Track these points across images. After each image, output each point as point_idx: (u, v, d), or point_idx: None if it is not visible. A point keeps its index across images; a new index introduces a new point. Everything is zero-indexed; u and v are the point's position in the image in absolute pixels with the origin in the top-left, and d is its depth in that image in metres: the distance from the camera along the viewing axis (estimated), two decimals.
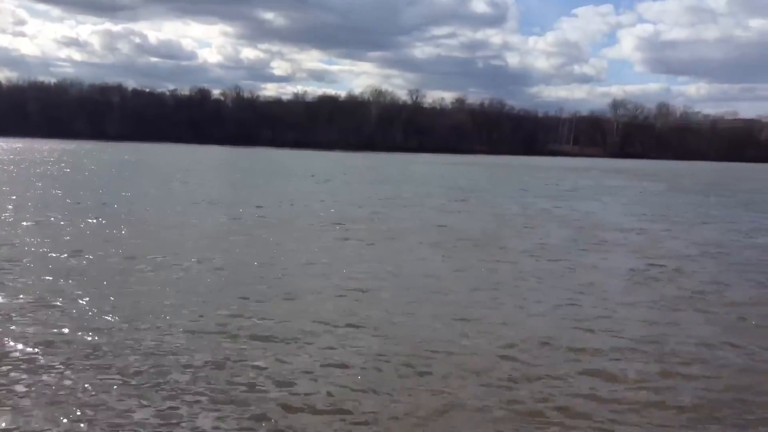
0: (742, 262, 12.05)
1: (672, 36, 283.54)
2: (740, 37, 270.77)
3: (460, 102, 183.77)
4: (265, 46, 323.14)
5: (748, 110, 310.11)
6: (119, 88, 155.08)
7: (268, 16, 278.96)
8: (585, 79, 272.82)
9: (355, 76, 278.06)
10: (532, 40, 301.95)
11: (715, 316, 8.20)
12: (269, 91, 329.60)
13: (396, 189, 27.89)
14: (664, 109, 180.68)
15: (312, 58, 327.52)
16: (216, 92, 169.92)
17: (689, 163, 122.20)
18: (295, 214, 17.85)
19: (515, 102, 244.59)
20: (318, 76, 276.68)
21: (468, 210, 20.32)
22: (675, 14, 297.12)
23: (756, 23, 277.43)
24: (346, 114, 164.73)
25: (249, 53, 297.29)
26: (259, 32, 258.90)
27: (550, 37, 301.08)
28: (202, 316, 7.50)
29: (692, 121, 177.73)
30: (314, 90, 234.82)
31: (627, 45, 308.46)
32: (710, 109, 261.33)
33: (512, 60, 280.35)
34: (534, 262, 11.41)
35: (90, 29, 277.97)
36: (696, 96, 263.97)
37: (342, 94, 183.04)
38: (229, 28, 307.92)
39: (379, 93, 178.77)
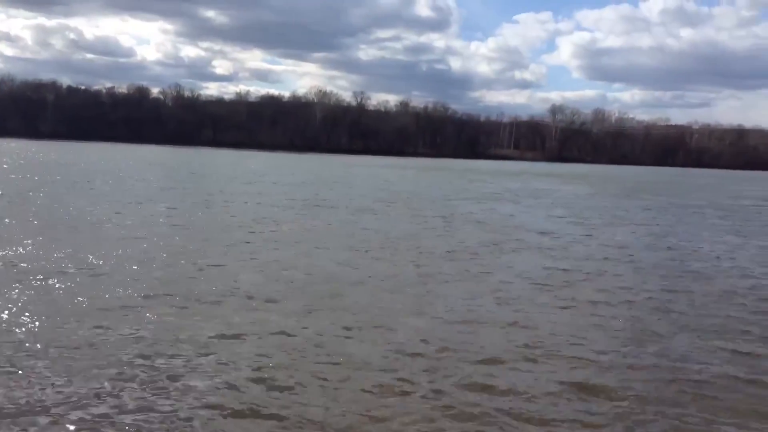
0: (649, 265, 12.38)
1: (608, 44, 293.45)
2: (672, 46, 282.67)
3: (404, 105, 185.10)
4: (206, 44, 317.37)
5: (679, 116, 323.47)
6: (53, 86, 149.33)
7: (210, 14, 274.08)
8: (525, 85, 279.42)
9: (299, 77, 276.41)
10: (474, 45, 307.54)
11: (617, 321, 8.29)
12: (211, 90, 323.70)
13: (326, 191, 27.73)
14: (600, 114, 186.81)
15: (255, 58, 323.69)
16: (155, 91, 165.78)
17: (622, 168, 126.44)
18: (210, 216, 17.45)
19: (458, 106, 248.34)
20: (261, 76, 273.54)
21: (392, 212, 20.33)
22: (611, 23, 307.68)
23: (686, 33, 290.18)
24: (290, 115, 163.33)
25: (189, 51, 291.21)
26: (200, 30, 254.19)
27: (492, 42, 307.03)
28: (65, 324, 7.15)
29: (627, 127, 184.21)
30: (257, 90, 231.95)
31: (565, 52, 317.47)
32: (644, 115, 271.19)
33: (455, 64, 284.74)
34: (444, 264, 11.43)
35: (22, 23, 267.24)
36: (630, 102, 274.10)
37: (286, 94, 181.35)
38: (168, 26, 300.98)
39: (323, 94, 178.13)
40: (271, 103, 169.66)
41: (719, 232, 18.66)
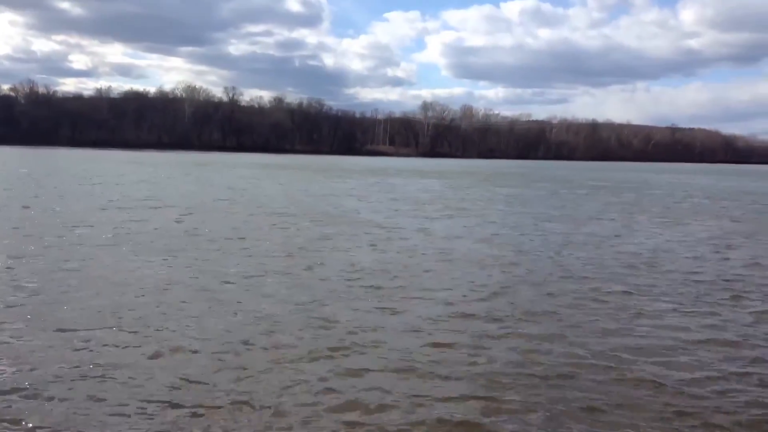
0: (464, 257, 13.30)
1: (473, 43, 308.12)
2: (532, 45, 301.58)
3: (278, 101, 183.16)
4: (61, 37, 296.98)
5: (540, 112, 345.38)
6: None
7: (64, 5, 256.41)
8: (398, 82, 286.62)
9: (165, 72, 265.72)
10: (346, 42, 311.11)
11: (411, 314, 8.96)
12: (68, 86, 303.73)
13: (146, 192, 27.05)
14: (467, 111, 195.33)
15: (116, 52, 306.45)
16: (5, 87, 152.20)
17: (489, 161, 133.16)
18: None
19: (334, 102, 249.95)
20: (123, 71, 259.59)
21: (234, 209, 20.33)
22: (475, 22, 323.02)
23: (544, 33, 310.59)
24: (157, 111, 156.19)
25: (42, 45, 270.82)
26: (53, 22, 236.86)
27: (364, 40, 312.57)
28: None
29: (492, 123, 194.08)
30: (120, 86, 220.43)
31: (434, 50, 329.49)
32: (508, 112, 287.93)
33: (328, 61, 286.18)
34: (269, 261, 11.68)
35: None
36: (495, 99, 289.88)
37: (151, 90, 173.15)
38: (18, 17, 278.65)
39: (192, 89, 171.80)
40: (135, 99, 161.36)
41: (545, 217, 20.41)
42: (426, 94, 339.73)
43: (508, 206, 24.92)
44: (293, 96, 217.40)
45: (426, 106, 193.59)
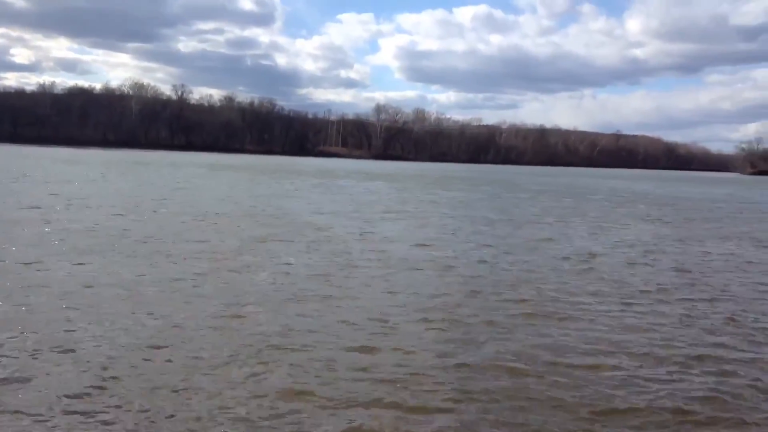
0: (398, 260, 13.26)
1: (426, 47, 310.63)
2: (483, 51, 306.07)
3: (229, 100, 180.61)
4: (2, 30, 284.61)
5: (490, 117, 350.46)
6: None
7: None
8: (351, 84, 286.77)
9: (111, 68, 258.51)
10: (299, 42, 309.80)
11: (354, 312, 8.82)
12: (9, 81, 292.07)
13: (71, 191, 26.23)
14: (420, 114, 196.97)
15: (60, 46, 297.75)
16: None
17: (440, 165, 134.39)
18: None
19: (286, 103, 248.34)
20: (68, 66, 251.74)
21: (167, 210, 19.79)
22: (428, 26, 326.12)
23: (496, 39, 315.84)
24: (103, 108, 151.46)
25: None
26: None
27: (317, 40, 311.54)
28: None
29: (444, 126, 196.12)
30: (64, 81, 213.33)
31: (387, 53, 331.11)
32: (459, 116, 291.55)
33: (281, 60, 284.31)
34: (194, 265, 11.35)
35: None
36: (447, 103, 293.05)
37: (97, 86, 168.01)
38: None
39: (140, 86, 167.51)
40: (80, 95, 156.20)
41: (481, 220, 20.63)
42: (379, 96, 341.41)
43: (451, 209, 25.06)
44: (244, 95, 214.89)
45: (379, 109, 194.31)
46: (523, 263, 12.89)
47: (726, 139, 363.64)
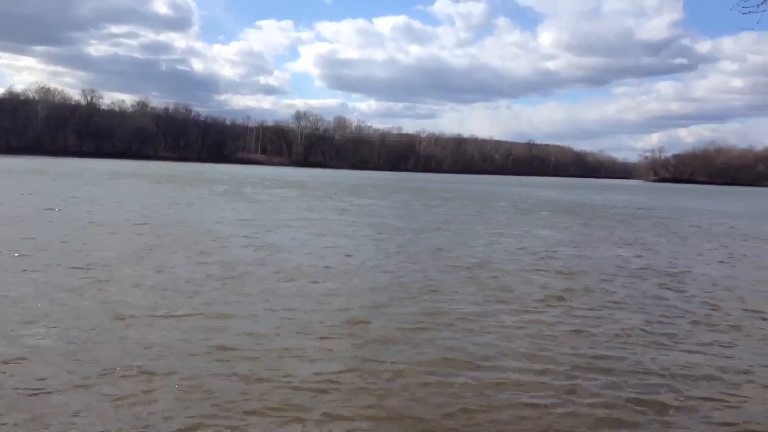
0: (291, 269, 13.07)
1: (346, 55, 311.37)
2: (403, 61, 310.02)
3: (142, 105, 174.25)
4: None
5: (410, 126, 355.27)
6: None
7: None
8: (271, 91, 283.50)
9: (16, 72, 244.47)
10: (216, 47, 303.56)
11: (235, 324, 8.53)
12: None
13: None
14: (341, 122, 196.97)
15: None
16: None
17: (360, 172, 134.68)
18: None
19: (204, 109, 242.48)
20: None
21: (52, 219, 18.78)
22: (348, 35, 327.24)
23: (415, 50, 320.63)
24: (6, 113, 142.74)
25: None
26: None
27: (235, 46, 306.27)
28: None
29: (365, 135, 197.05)
30: None
31: (307, 60, 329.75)
32: (380, 124, 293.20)
33: (197, 66, 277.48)
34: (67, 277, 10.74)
35: None
36: (368, 111, 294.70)
37: (0, 91, 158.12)
38: None
39: (46, 91, 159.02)
40: None
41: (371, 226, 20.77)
42: (300, 103, 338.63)
43: (359, 217, 25.08)
44: (159, 101, 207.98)
45: (299, 116, 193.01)
46: (421, 271, 13.02)
47: (631, 148, 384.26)
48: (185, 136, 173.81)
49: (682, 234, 24.07)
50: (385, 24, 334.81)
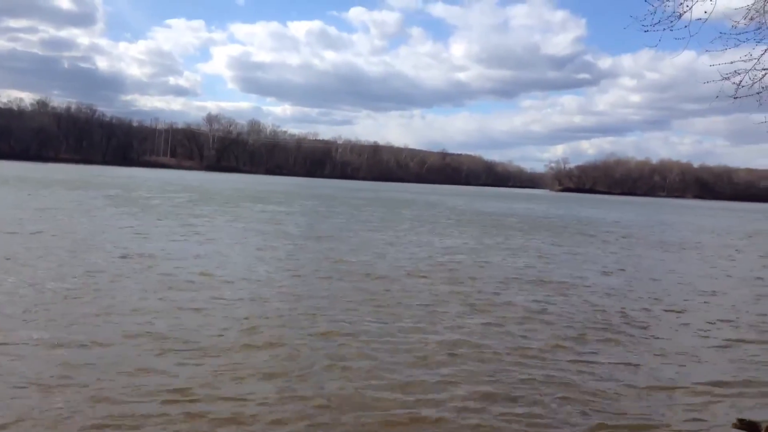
0: (163, 277, 12.44)
1: (260, 58, 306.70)
2: (318, 66, 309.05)
3: (42, 104, 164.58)
4: None
5: (326, 132, 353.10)
6: None
7: None
8: (181, 92, 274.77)
9: None
10: (123, 45, 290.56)
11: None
12: None
13: None
14: (255, 126, 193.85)
15: None
16: None
17: (273, 178, 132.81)
18: None
19: (109, 109, 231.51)
20: None
21: None
22: (262, 38, 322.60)
23: (330, 56, 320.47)
24: None
25: None
26: None
27: (143, 45, 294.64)
28: None
29: (280, 139, 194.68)
30: None
31: (220, 62, 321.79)
32: (295, 129, 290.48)
33: (102, 64, 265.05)
34: None
35: None
36: (283, 116, 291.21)
37: None
38: None
39: None
40: None
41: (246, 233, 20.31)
42: (212, 106, 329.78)
43: (255, 224, 24.45)
44: (61, 100, 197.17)
45: (211, 119, 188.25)
46: (302, 278, 12.70)
47: (538, 159, 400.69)
48: (89, 137, 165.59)
49: (574, 242, 24.98)
50: (300, 28, 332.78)
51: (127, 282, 11.31)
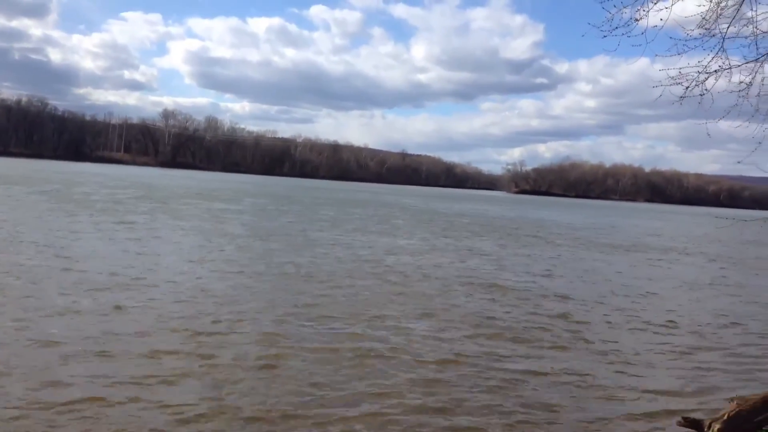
0: (81, 276, 11.74)
1: (219, 54, 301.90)
2: (278, 64, 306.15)
3: None
4: None
5: (286, 130, 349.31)
6: None
7: None
8: (136, 86, 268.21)
9: None
10: (77, 38, 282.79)
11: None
12: None
13: None
14: (212, 122, 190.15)
15: None
16: None
17: (230, 175, 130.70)
18: None
19: (61, 103, 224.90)
20: None
21: None
22: (221, 33, 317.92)
23: (291, 53, 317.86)
24: None
25: None
26: None
27: (97, 37, 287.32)
28: None
29: (238, 136, 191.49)
30: None
31: (177, 57, 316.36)
32: (254, 127, 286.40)
33: (55, 56, 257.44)
34: None
35: None
36: (241, 113, 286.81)
37: None
38: None
39: None
40: None
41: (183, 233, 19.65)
42: (168, 101, 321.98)
43: (201, 222, 23.71)
44: (10, 92, 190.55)
45: (167, 114, 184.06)
46: (233, 278, 12.13)
47: (496, 161, 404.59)
48: (40, 131, 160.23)
49: (522, 243, 24.92)
50: (260, 25, 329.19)
51: (43, 283, 10.56)
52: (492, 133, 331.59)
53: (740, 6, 6.52)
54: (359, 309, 10.41)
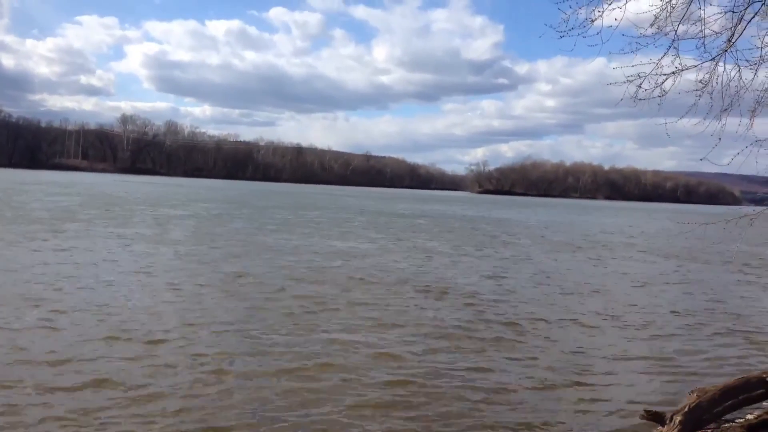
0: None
1: (178, 57, 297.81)
2: (238, 67, 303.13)
3: None
4: None
5: (248, 133, 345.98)
6: None
7: None
8: (93, 91, 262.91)
9: None
10: (30, 42, 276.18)
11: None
12: None
13: None
14: (172, 127, 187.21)
15: None
16: None
17: (191, 180, 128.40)
18: None
19: (15, 109, 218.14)
20: None
21: None
22: (179, 36, 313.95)
23: (251, 56, 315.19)
24: None
25: None
26: None
27: (51, 42, 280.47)
28: None
29: (199, 141, 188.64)
30: None
31: (134, 61, 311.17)
32: (215, 131, 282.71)
33: (7, 62, 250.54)
34: None
35: None
36: (202, 117, 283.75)
37: None
38: None
39: None
40: None
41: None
42: (126, 106, 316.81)
43: (144, 228, 22.84)
44: None
45: (125, 119, 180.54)
46: (170, 288, 11.43)
47: (459, 162, 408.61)
48: None
49: (477, 242, 24.61)
50: (219, 27, 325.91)
51: None
52: (455, 133, 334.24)
53: (689, 5, 6.67)
54: (299, 320, 9.76)
